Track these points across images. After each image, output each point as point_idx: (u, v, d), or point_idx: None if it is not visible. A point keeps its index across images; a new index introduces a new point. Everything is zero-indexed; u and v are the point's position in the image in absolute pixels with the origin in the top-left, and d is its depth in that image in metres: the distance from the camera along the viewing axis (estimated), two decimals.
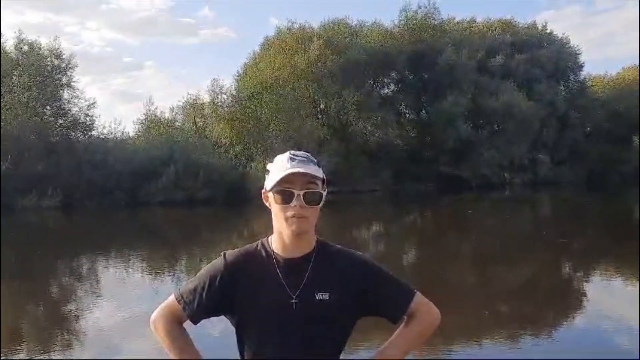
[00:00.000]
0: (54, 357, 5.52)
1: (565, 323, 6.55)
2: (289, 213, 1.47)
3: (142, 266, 11.60)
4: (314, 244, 1.57)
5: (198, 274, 1.60)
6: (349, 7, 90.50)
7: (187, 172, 25.85)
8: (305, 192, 1.47)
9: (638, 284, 7.96)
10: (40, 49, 28.20)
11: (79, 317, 7.24)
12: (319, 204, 1.49)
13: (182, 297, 1.58)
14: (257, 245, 1.60)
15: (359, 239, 15.16)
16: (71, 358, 5.48)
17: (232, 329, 1.61)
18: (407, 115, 39.63)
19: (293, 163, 1.48)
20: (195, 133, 32.01)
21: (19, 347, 5.94)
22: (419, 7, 37.72)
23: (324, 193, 1.51)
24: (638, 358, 4.50)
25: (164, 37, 75.90)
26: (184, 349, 1.58)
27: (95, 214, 22.95)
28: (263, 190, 1.56)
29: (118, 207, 24.40)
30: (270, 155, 30.74)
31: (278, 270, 1.53)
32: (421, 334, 1.61)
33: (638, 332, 5.36)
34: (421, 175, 34.25)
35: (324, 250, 1.58)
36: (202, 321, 1.62)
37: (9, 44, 28.71)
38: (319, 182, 1.50)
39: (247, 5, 76.22)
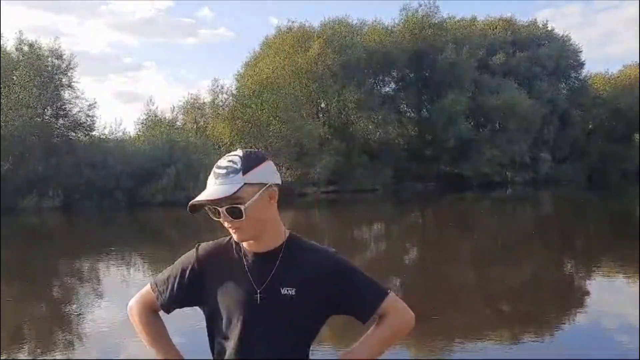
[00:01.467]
0: (56, 358, 5.51)
1: (567, 322, 6.53)
2: (225, 225, 1.48)
3: (142, 266, 11.60)
4: (283, 238, 1.54)
5: (173, 264, 1.61)
6: (349, 6, 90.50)
7: (188, 173, 25.84)
8: (227, 208, 1.44)
9: (638, 283, 7.93)
10: (40, 49, 28.22)
11: (80, 318, 7.24)
12: (241, 217, 1.43)
13: (156, 285, 1.59)
14: (229, 238, 1.58)
15: (360, 238, 15.16)
16: (73, 358, 5.47)
17: None
18: (408, 114, 39.63)
19: (213, 180, 1.46)
20: (196, 133, 32.00)
21: (21, 348, 5.94)
22: (419, 6, 37.77)
23: (248, 203, 1.43)
24: (638, 358, 4.47)
25: (164, 37, 76.08)
26: (156, 337, 1.60)
27: (96, 215, 22.96)
28: None
29: (118, 208, 24.41)
30: (271, 154, 30.87)
31: (245, 264, 1.52)
32: (391, 336, 1.56)
33: (638, 332, 5.33)
34: (422, 174, 34.25)
35: (293, 245, 1.55)
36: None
37: (10, 45, 28.76)
38: (245, 194, 1.43)
39: (247, 5, 76.38)
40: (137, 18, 73.36)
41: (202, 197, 1.44)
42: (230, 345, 1.51)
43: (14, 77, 26.24)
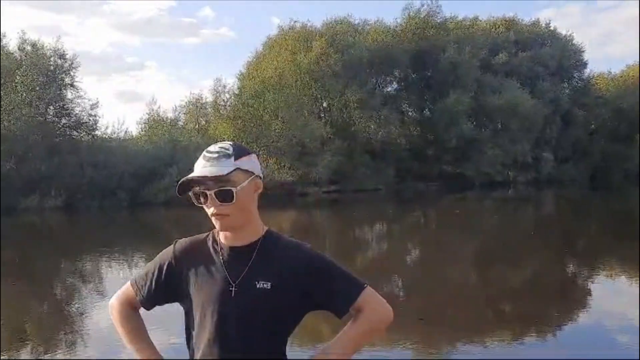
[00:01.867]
0: (57, 357, 5.51)
1: (568, 322, 6.51)
2: (209, 212, 1.48)
3: (144, 266, 11.59)
4: (260, 233, 1.54)
5: (152, 260, 1.61)
6: (351, 6, 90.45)
7: (190, 172, 25.71)
8: (216, 191, 1.45)
9: (638, 284, 7.91)
10: (43, 49, 28.26)
11: (82, 317, 7.25)
12: (232, 201, 1.45)
13: (135, 282, 1.61)
14: (207, 234, 1.60)
15: (362, 238, 15.15)
16: (73, 358, 5.47)
17: None
18: (410, 113, 39.64)
19: (203, 162, 1.49)
20: (198, 132, 32.04)
21: (23, 347, 5.95)
22: (422, 6, 37.82)
23: (239, 188, 1.45)
24: (638, 358, 4.46)
25: (166, 37, 76.20)
26: (135, 336, 1.61)
27: (98, 214, 22.99)
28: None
29: (120, 208, 24.44)
30: (273, 154, 30.82)
31: (221, 258, 1.52)
32: (368, 330, 1.54)
33: (638, 332, 5.32)
34: (424, 174, 34.24)
35: (271, 240, 1.55)
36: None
37: (12, 44, 28.79)
38: (236, 177, 1.46)
39: (248, 5, 76.37)
40: (138, 18, 73.53)
41: (194, 174, 1.46)
42: (204, 339, 1.49)
43: (17, 77, 26.29)
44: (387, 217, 20.56)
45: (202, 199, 1.48)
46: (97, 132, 29.49)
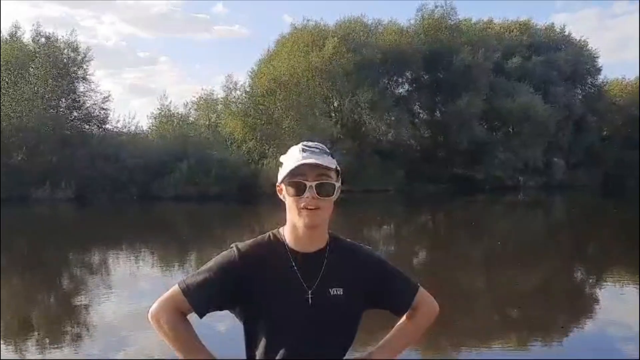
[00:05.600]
0: (63, 348, 5.53)
1: (574, 329, 6.45)
2: (302, 205, 1.44)
3: (152, 260, 11.64)
4: (327, 239, 1.55)
5: (207, 266, 1.54)
6: (365, 5, 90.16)
7: (200, 168, 25.94)
8: (318, 184, 1.44)
9: (638, 287, 7.82)
10: (57, 41, 28.47)
11: (89, 309, 7.28)
12: (332, 195, 1.46)
13: (188, 289, 1.51)
14: (268, 236, 1.57)
15: (370, 239, 15.09)
16: (72, 359, 5.48)
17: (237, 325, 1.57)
18: (421, 115, 39.42)
19: (305, 154, 1.46)
20: (208, 128, 32.11)
21: (30, 337, 5.98)
22: (436, 7, 37.47)
23: (338, 185, 1.49)
24: (638, 358, 4.40)
25: (179, 32, 76.29)
26: (191, 344, 1.52)
27: (108, 207, 23.12)
28: (277, 184, 1.53)
29: (130, 201, 24.56)
30: (283, 152, 31.03)
31: (294, 265, 1.50)
32: (422, 327, 1.64)
33: (638, 333, 5.26)
34: (434, 176, 34.04)
35: (336, 244, 1.56)
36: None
37: (27, 36, 29.06)
38: (333, 174, 1.48)
39: (261, 3, 76.32)
40: (152, 13, 73.64)
41: (309, 160, 1.43)
42: (279, 348, 1.48)
43: (30, 69, 26.49)
44: (396, 218, 20.49)
45: (292, 190, 1.45)
46: (107, 126, 29.70)
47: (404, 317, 1.62)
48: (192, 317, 1.55)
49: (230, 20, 77.14)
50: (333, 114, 35.43)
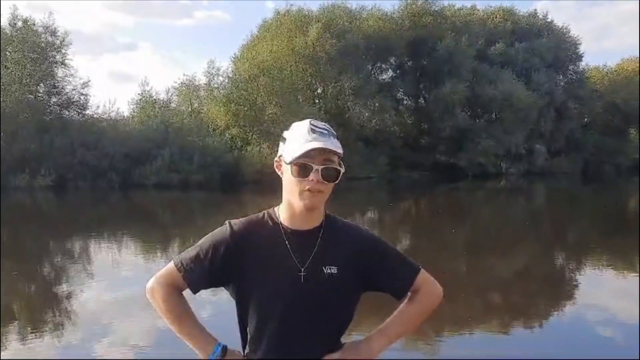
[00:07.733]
0: (44, 337, 5.46)
1: (555, 313, 6.55)
2: (306, 187, 1.43)
3: (134, 248, 11.56)
4: (322, 218, 1.54)
5: (200, 242, 1.54)
6: None
7: (182, 155, 25.73)
8: (324, 168, 1.43)
9: (638, 279, 7.95)
10: (34, 25, 27.86)
11: (71, 297, 7.20)
12: (335, 180, 1.46)
13: (182, 264, 1.52)
14: (263, 215, 1.56)
15: None
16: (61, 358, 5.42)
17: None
18: (405, 101, 39.50)
19: (314, 135, 1.44)
20: (191, 115, 31.80)
21: (10, 326, 5.90)
22: None
23: (342, 170, 1.48)
24: (638, 358, 4.48)
25: (159, 17, 75.22)
26: (185, 319, 1.54)
27: (88, 195, 22.85)
28: (276, 159, 1.52)
29: (111, 189, 24.30)
30: (267, 139, 30.62)
31: (287, 242, 1.49)
32: (423, 311, 1.61)
33: (638, 330, 5.34)
34: (417, 163, 34.22)
35: (331, 223, 1.55)
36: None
37: (3, 20, 28.38)
38: (336, 158, 1.47)
39: None
40: None
41: (319, 144, 1.41)
42: (272, 324, 1.48)
43: (7, 53, 25.93)
44: (379, 205, 20.57)
45: (296, 170, 1.43)
46: (88, 112, 29.27)
47: (405, 301, 1.60)
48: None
49: (211, 5, 76.23)
50: (316, 101, 35.31)
